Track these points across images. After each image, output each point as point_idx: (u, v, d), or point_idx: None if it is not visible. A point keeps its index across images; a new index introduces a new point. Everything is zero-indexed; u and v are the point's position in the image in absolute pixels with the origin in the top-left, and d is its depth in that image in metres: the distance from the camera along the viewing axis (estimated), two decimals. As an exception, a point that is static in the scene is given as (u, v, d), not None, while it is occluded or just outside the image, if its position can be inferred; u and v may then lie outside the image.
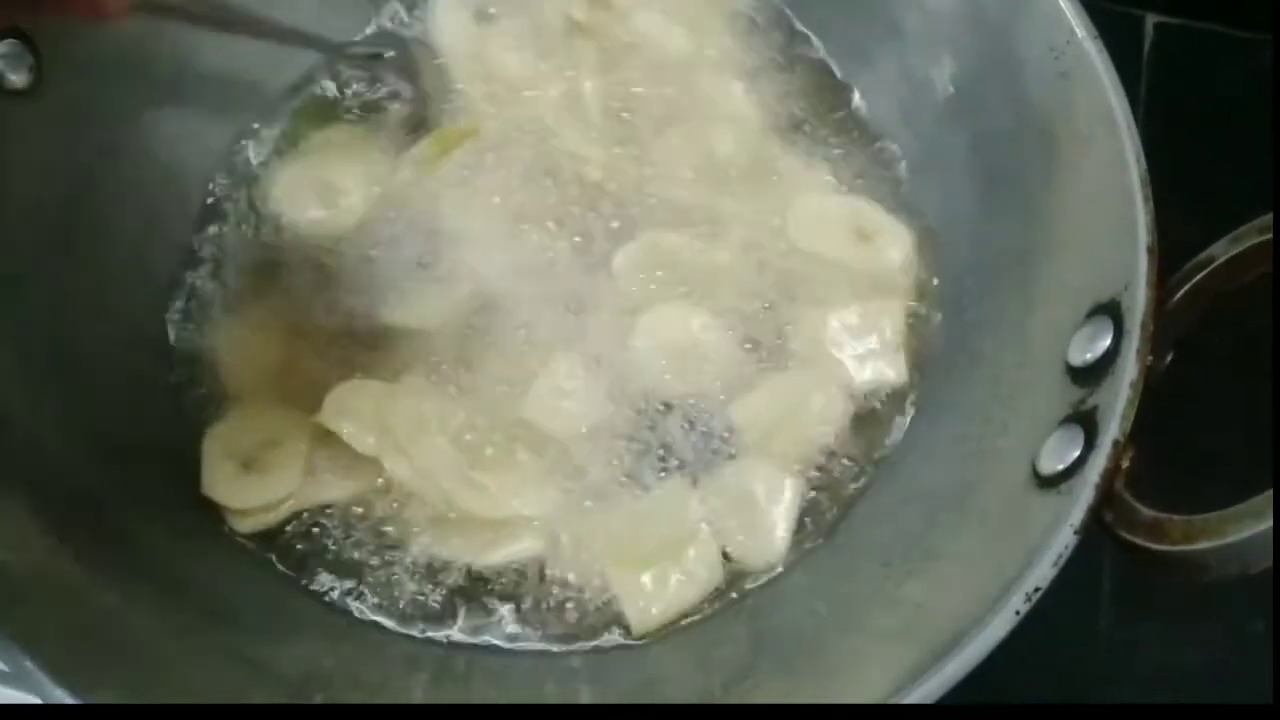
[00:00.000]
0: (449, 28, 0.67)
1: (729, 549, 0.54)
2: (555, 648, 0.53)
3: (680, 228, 0.61)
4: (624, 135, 0.64)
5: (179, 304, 0.60)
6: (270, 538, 0.55)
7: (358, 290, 0.60)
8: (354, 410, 0.55)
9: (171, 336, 0.59)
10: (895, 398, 0.58)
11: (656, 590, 0.53)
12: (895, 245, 0.60)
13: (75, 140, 0.56)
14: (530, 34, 0.67)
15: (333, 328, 0.59)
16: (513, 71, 0.66)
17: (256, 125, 0.65)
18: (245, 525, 0.54)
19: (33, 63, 0.53)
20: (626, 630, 0.53)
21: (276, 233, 0.62)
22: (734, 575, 0.54)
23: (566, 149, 0.63)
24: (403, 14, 0.69)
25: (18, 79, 0.53)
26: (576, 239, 0.61)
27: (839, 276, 0.60)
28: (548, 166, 0.63)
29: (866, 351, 0.58)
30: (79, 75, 0.56)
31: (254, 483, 0.55)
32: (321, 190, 0.63)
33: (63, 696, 0.40)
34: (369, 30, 0.68)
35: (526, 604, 0.53)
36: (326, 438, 0.55)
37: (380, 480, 0.55)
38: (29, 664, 0.40)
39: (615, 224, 0.61)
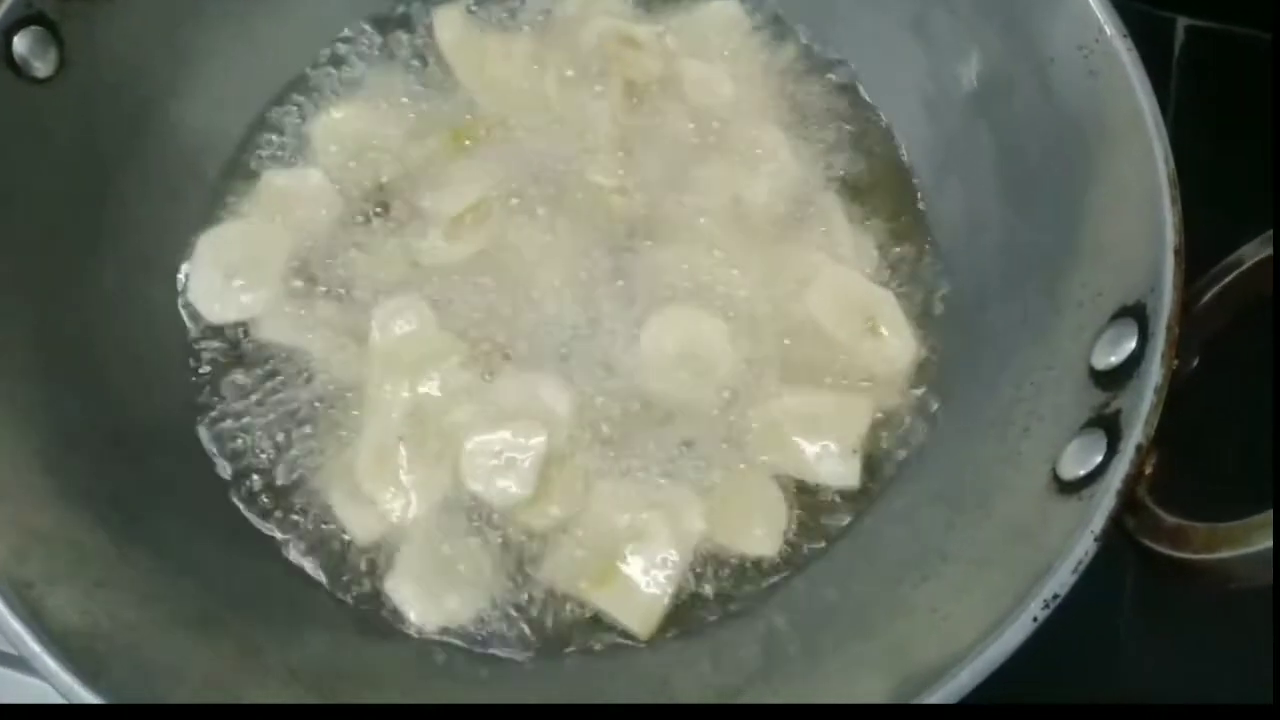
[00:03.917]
0: (446, 28, 0.67)
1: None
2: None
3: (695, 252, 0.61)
4: (642, 165, 0.63)
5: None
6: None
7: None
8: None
9: (191, 327, 0.59)
10: (917, 413, 0.57)
11: (634, 592, 0.52)
12: (899, 350, 0.58)
13: (97, 127, 0.56)
14: (549, 48, 0.67)
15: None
16: (516, 82, 0.66)
17: (276, 106, 0.65)
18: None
19: (56, 51, 0.53)
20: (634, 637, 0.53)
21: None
22: (741, 577, 0.54)
23: (576, 167, 0.63)
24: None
25: (42, 67, 0.53)
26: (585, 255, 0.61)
27: (829, 356, 0.58)
28: (555, 179, 0.63)
29: (824, 446, 0.56)
30: (101, 62, 0.56)
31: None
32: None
33: (71, 682, 0.40)
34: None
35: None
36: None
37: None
38: (40, 649, 0.41)
39: (624, 241, 0.61)
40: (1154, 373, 0.43)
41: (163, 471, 0.53)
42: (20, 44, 0.52)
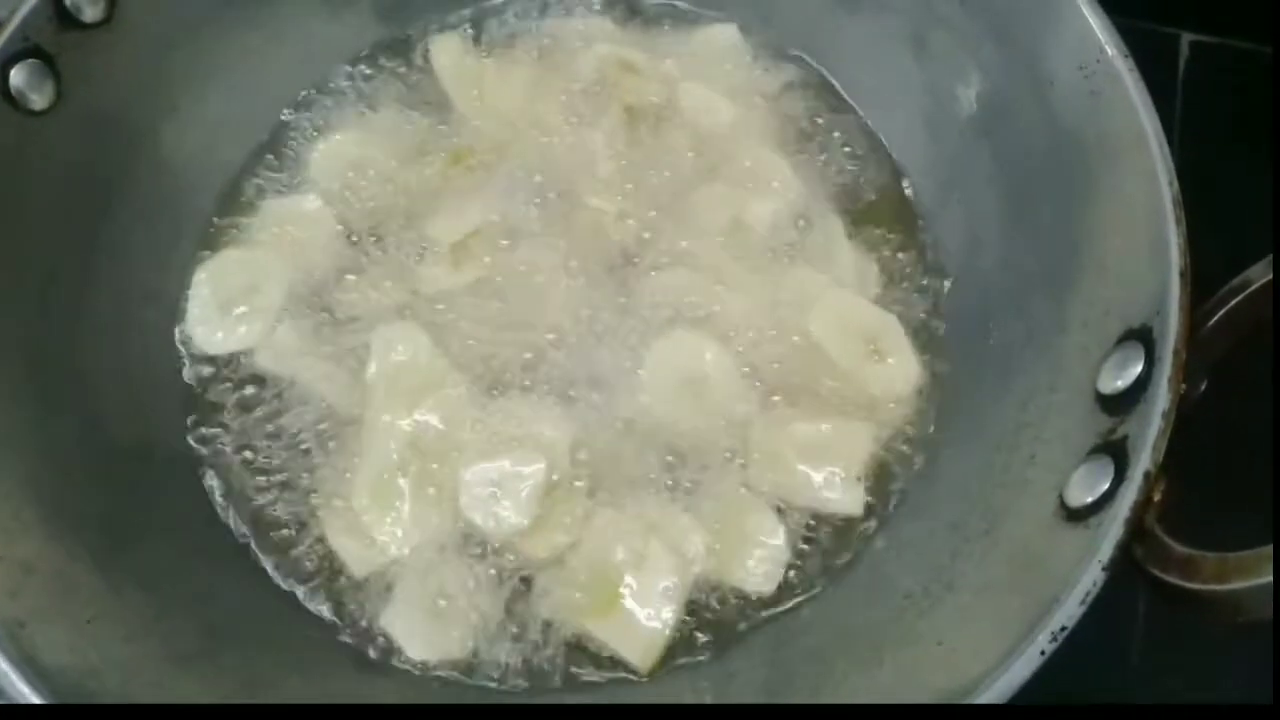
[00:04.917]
0: (444, 54, 0.68)
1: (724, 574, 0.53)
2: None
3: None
4: (641, 190, 0.63)
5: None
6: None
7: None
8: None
9: (187, 356, 0.59)
10: (921, 439, 0.57)
11: (634, 624, 0.51)
12: (902, 375, 0.58)
13: (94, 155, 0.56)
14: (548, 74, 0.67)
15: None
16: (514, 108, 0.66)
17: (274, 133, 0.65)
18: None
19: (53, 83, 0.53)
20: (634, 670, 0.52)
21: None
22: (742, 607, 0.53)
23: (575, 192, 0.63)
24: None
25: (39, 99, 0.53)
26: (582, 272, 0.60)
27: (831, 381, 0.57)
28: (555, 204, 0.62)
29: (827, 474, 0.55)
30: (97, 93, 0.56)
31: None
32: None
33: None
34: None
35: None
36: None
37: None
38: (29, 690, 0.40)
39: (624, 267, 0.61)
40: (1161, 397, 0.42)
41: (154, 500, 0.53)
42: (17, 77, 0.52)
